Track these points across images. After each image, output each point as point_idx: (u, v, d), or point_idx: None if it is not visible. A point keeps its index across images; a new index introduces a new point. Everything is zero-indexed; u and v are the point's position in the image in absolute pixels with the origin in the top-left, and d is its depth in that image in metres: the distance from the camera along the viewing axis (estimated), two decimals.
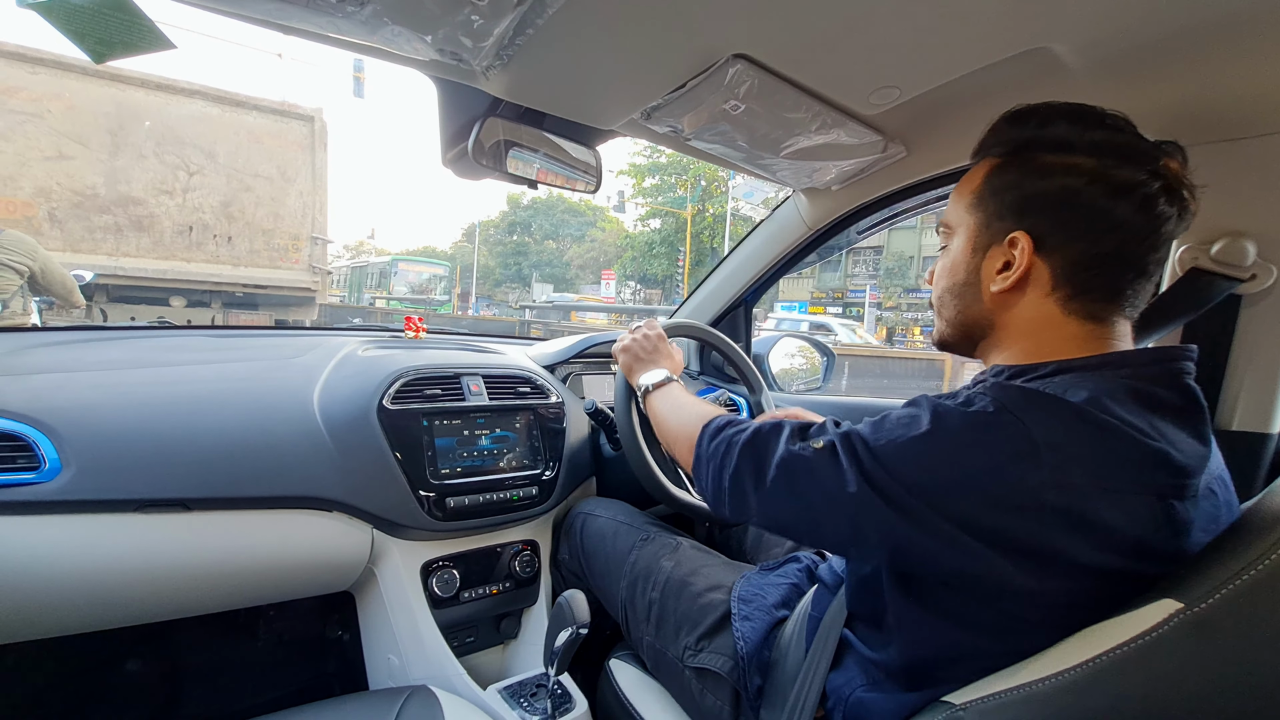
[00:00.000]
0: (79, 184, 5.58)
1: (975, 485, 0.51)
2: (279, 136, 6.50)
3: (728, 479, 0.67)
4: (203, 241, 6.21)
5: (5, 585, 0.77)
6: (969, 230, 0.65)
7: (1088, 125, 0.59)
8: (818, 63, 0.82)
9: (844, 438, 0.59)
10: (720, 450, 0.69)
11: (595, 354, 1.47)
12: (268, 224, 6.55)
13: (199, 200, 6.15)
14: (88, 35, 0.66)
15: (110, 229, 5.77)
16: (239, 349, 1.17)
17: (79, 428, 0.82)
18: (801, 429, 0.65)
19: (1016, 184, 0.61)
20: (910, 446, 0.55)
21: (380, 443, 1.00)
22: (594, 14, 0.70)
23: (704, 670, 0.84)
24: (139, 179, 5.84)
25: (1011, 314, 0.62)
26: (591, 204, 32.51)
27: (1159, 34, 0.70)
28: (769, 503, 0.64)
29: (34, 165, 5.37)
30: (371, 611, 1.10)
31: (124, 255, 5.82)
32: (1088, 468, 0.49)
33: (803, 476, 0.61)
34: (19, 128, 5.28)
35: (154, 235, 5.97)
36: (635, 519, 1.12)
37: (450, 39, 0.72)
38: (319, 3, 0.63)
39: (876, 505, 0.55)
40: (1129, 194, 0.56)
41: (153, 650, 1.22)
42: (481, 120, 0.94)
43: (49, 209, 5.48)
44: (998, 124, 0.64)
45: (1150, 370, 0.56)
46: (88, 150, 5.58)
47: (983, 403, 0.54)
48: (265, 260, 6.59)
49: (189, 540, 0.87)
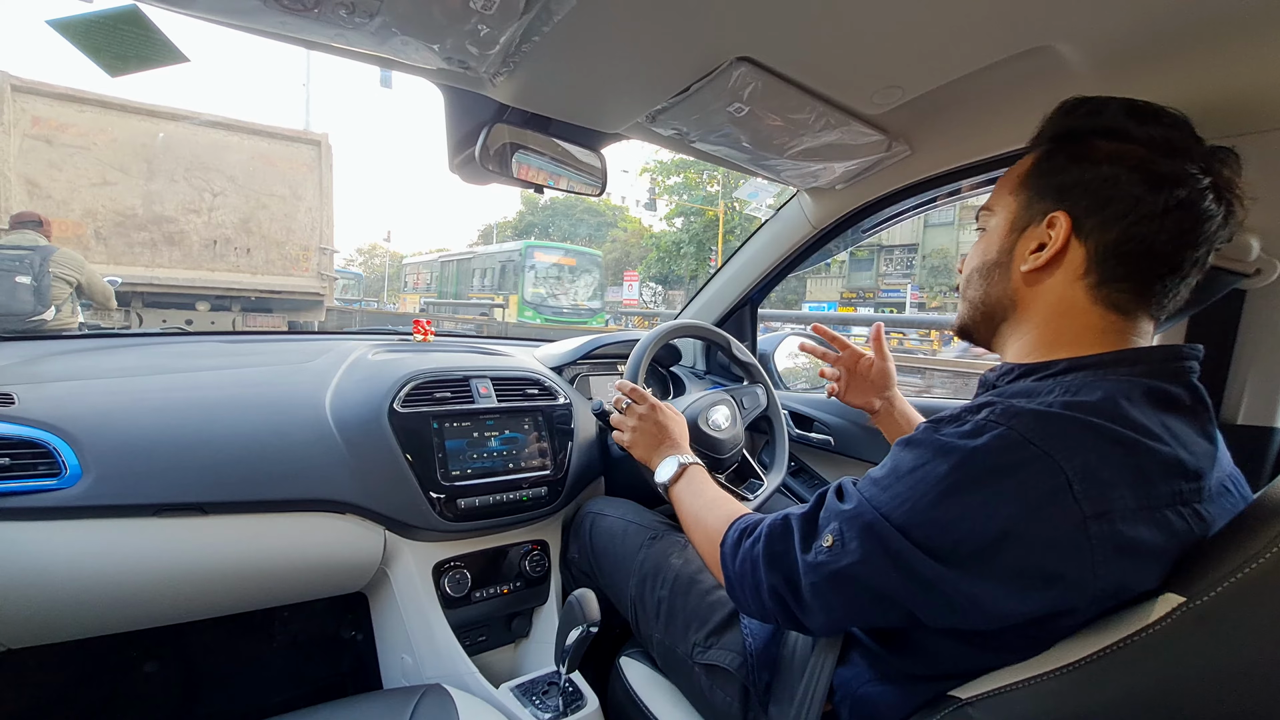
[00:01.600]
0: (120, 206, 6.49)
1: (1017, 537, 0.48)
2: (290, 160, 7.39)
3: (768, 597, 0.64)
4: (225, 253, 7.10)
5: (28, 589, 0.79)
6: (1009, 211, 0.65)
7: (1144, 119, 0.58)
8: (821, 64, 0.82)
9: (856, 523, 0.56)
10: (747, 570, 0.67)
11: (602, 355, 1.48)
12: (281, 237, 7.43)
13: (222, 217, 7.05)
14: (104, 51, 0.68)
15: (147, 244, 6.67)
16: (251, 354, 1.19)
17: (98, 434, 0.83)
18: (808, 522, 0.62)
19: (1063, 168, 0.61)
20: (936, 509, 0.51)
21: (391, 445, 1.01)
22: (599, 20, 0.71)
23: (713, 667, 0.84)
24: (171, 200, 6.74)
25: (1037, 296, 0.62)
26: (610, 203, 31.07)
27: (1163, 30, 0.70)
28: (813, 617, 0.61)
29: (83, 191, 6.27)
30: (385, 612, 1.11)
31: (158, 267, 6.72)
32: (1121, 490, 0.48)
33: (835, 585, 0.58)
34: (70, 159, 6.15)
35: (184, 249, 6.87)
36: (644, 517, 1.13)
37: (458, 48, 0.73)
38: (329, 16, 0.64)
39: (915, 585, 0.52)
40: (1173, 187, 0.55)
41: (171, 652, 1.24)
42: (488, 126, 0.95)
43: (95, 228, 6.37)
44: (1054, 115, 0.64)
45: (1164, 368, 0.55)
46: (128, 177, 6.48)
47: (995, 433, 0.51)
48: (279, 269, 7.46)
49: (205, 543, 0.88)
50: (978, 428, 0.52)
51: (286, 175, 7.34)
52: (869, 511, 0.56)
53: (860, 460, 1.40)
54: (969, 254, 0.70)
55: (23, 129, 5.86)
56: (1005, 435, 0.50)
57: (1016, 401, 0.54)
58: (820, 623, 0.61)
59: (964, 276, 0.70)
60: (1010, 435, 0.50)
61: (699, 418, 1.19)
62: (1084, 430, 0.50)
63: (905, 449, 0.57)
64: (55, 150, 6.04)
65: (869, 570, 0.55)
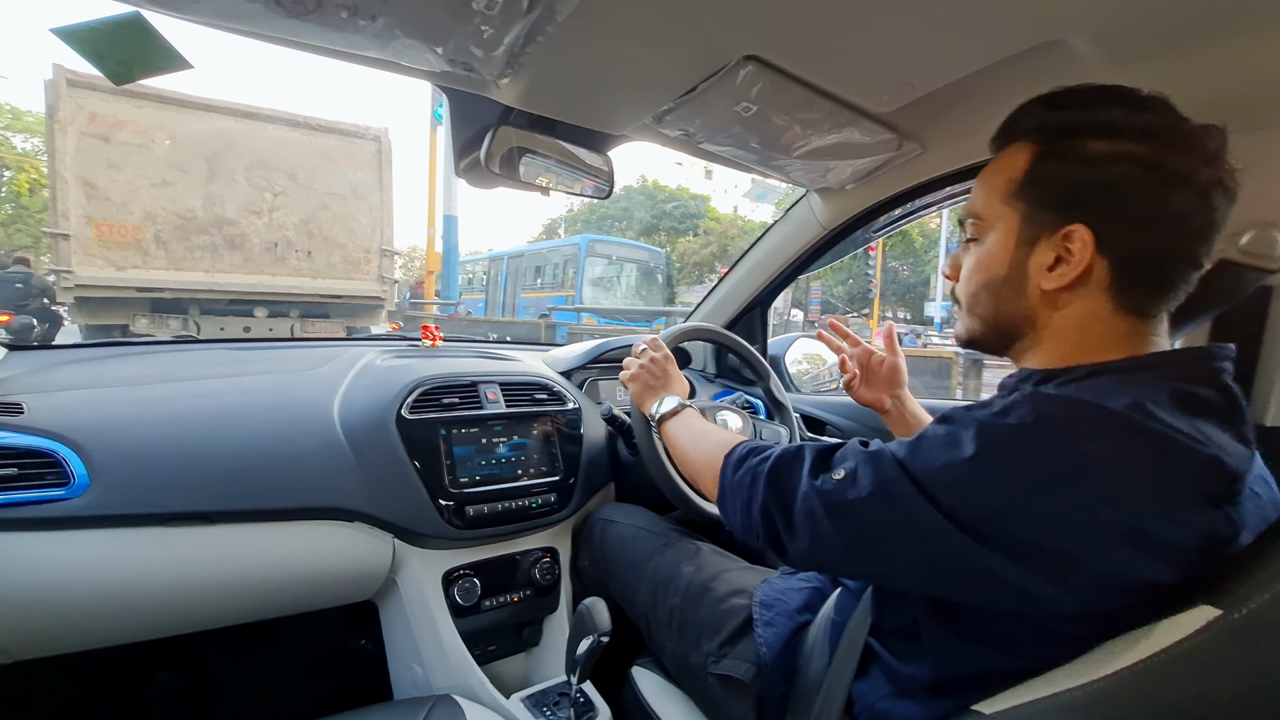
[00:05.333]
0: (180, 208, 6.16)
1: (1023, 508, 0.48)
2: (351, 156, 7.05)
3: (757, 511, 0.64)
4: (286, 256, 6.77)
5: (36, 600, 0.78)
6: (1009, 223, 0.61)
7: (1133, 108, 0.56)
8: (829, 62, 0.81)
9: (873, 463, 0.56)
10: (746, 482, 0.67)
11: (611, 358, 1.47)
12: (342, 239, 7.11)
13: (283, 218, 6.72)
14: (107, 57, 0.67)
15: (208, 248, 6.36)
16: (259, 362, 1.19)
17: (105, 444, 0.83)
18: (824, 455, 0.62)
19: (1064, 172, 0.57)
20: (954, 471, 0.51)
21: (399, 453, 1.01)
22: (604, 20, 0.70)
23: (727, 677, 0.83)
24: (231, 201, 6.40)
25: (1057, 310, 0.59)
26: (690, 192, 26.81)
27: (1181, 19, 0.68)
28: (798, 542, 0.61)
29: (142, 192, 5.94)
30: (394, 621, 1.10)
31: (219, 271, 6.40)
32: (1143, 482, 0.47)
33: (831, 516, 0.57)
34: (129, 158, 5.84)
35: (244, 252, 6.55)
36: (655, 524, 1.11)
37: (461, 49, 0.72)
38: (331, 19, 0.64)
39: (912, 537, 0.52)
40: (1186, 184, 0.53)
41: (181, 662, 1.23)
42: (494, 129, 0.94)
43: (155, 231, 6.06)
44: (1031, 108, 0.61)
45: (1191, 370, 0.54)
46: (187, 177, 6.15)
47: (1021, 413, 0.51)
48: (340, 272, 7.14)
49: (213, 553, 0.88)
50: (1005, 408, 0.52)
51: (347, 173, 7.02)
52: (889, 457, 0.56)
53: None
54: (967, 266, 0.66)
55: (79, 126, 5.55)
56: (1030, 414, 0.51)
57: (1046, 389, 0.54)
58: (804, 549, 0.60)
59: (968, 292, 0.66)
60: (1035, 415, 0.50)
61: (706, 411, 1.16)
62: (1113, 419, 0.49)
63: (938, 423, 0.57)
64: (113, 149, 5.73)
65: (871, 508, 0.55)
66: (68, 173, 5.58)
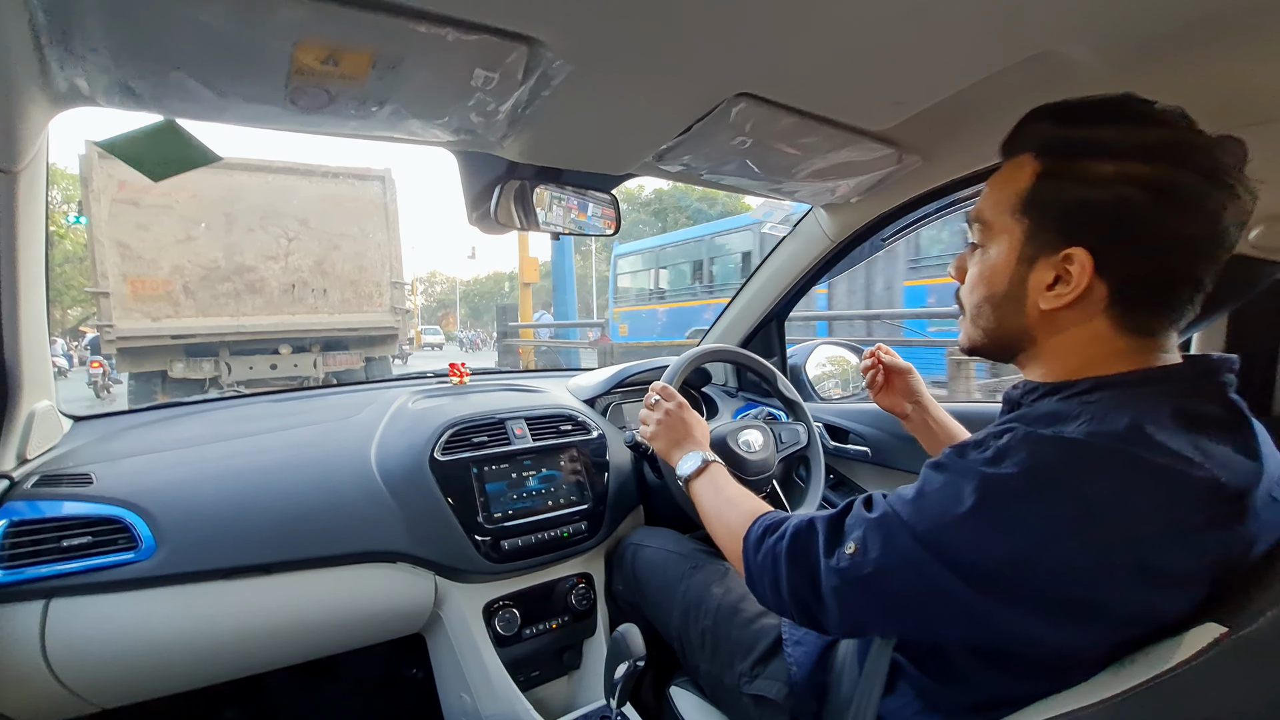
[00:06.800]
0: (204, 259, 6.68)
1: (1037, 562, 0.48)
2: (357, 198, 7.54)
3: (786, 594, 0.65)
4: (303, 296, 7.27)
5: (116, 655, 0.85)
6: (1012, 238, 0.60)
7: (1139, 123, 0.54)
8: (821, 90, 0.82)
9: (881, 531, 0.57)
10: (768, 564, 0.68)
11: (633, 383, 1.50)
12: (354, 275, 7.58)
13: (298, 261, 7.21)
14: (146, 160, 0.74)
15: (231, 294, 6.86)
16: (301, 413, 1.25)
17: (168, 507, 0.90)
18: (834, 527, 0.63)
19: (1066, 193, 0.56)
20: (960, 529, 0.51)
21: (435, 493, 1.06)
22: (595, 77, 0.73)
23: (760, 697, 0.85)
24: (250, 249, 6.90)
25: (1056, 329, 0.59)
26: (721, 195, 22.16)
27: (1178, 21, 0.67)
28: (831, 619, 0.62)
29: (169, 248, 6.47)
30: (441, 653, 1.15)
31: (243, 315, 6.91)
32: (1150, 517, 0.47)
33: (854, 591, 0.58)
34: (155, 219, 6.37)
35: (265, 296, 7.05)
36: (683, 546, 1.14)
37: (464, 120, 0.76)
38: (343, 111, 0.69)
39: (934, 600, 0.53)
40: (1192, 206, 0.51)
41: (247, 698, 1.31)
42: (502, 183, 0.99)
43: (183, 283, 6.58)
44: (1038, 119, 0.59)
45: (1194, 386, 0.54)
46: (209, 231, 6.68)
47: (1018, 458, 0.50)
48: (354, 307, 7.62)
49: (271, 600, 0.94)
50: (999, 453, 0.52)
51: (355, 214, 7.53)
52: (894, 520, 0.56)
53: (900, 470, 1.38)
54: (971, 274, 0.66)
55: (110, 194, 6.12)
56: (1026, 461, 0.50)
57: (1039, 429, 0.53)
58: (838, 622, 0.62)
59: (971, 302, 0.66)
60: (1032, 461, 0.50)
61: (728, 437, 1.19)
62: (1109, 457, 0.49)
63: (933, 471, 0.57)
64: (141, 211, 6.29)
65: (888, 578, 0.55)
66: (104, 236, 6.14)
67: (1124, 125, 0.54)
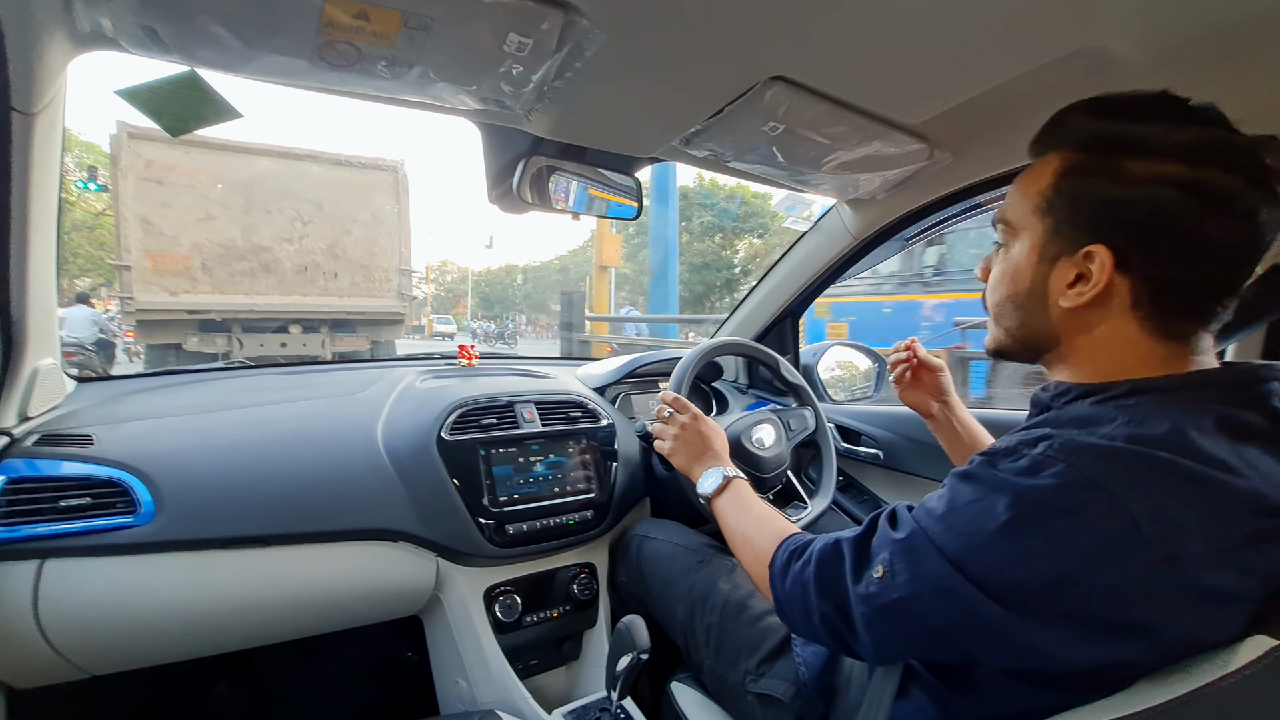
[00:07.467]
0: (222, 238, 6.94)
1: (1077, 582, 0.46)
2: (370, 186, 7.81)
3: (818, 623, 0.63)
4: (315, 278, 7.53)
5: (110, 619, 0.83)
6: (1035, 236, 0.58)
7: (1176, 121, 0.52)
8: (856, 78, 0.80)
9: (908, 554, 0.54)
10: (797, 594, 0.65)
11: (643, 374, 1.48)
12: (365, 260, 7.83)
13: (311, 244, 7.47)
14: (166, 113, 0.72)
15: (246, 273, 7.12)
16: (307, 386, 1.23)
17: (170, 473, 0.88)
18: (860, 548, 0.60)
19: (1095, 190, 0.54)
20: (995, 549, 0.49)
21: (441, 474, 1.04)
22: (630, 51, 0.72)
23: (766, 696, 0.83)
24: (266, 231, 7.18)
25: (1082, 329, 0.57)
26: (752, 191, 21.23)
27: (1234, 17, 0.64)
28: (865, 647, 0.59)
29: (190, 226, 6.74)
30: (439, 636, 1.13)
31: (257, 294, 7.17)
32: (1194, 532, 0.45)
33: (885, 619, 0.56)
34: (178, 197, 6.65)
35: (278, 276, 7.29)
36: (691, 540, 1.12)
37: (493, 89, 0.74)
38: (371, 69, 0.67)
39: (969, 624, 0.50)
40: (1227, 209, 0.49)
41: (239, 674, 1.29)
42: (525, 159, 0.97)
43: (201, 260, 6.86)
44: (1070, 115, 0.57)
45: (1237, 395, 0.51)
46: (228, 211, 6.94)
47: (1054, 470, 0.48)
48: (364, 291, 7.87)
49: (268, 573, 0.92)
50: (1035, 463, 0.49)
51: (368, 201, 7.76)
52: (923, 542, 0.53)
53: (911, 475, 1.36)
54: (994, 274, 0.64)
55: (137, 172, 6.40)
56: (1065, 473, 0.47)
57: (1075, 434, 0.50)
58: (872, 652, 0.59)
59: (994, 301, 0.64)
60: (1070, 473, 0.47)
61: (742, 435, 1.17)
62: (1152, 467, 0.46)
63: (962, 482, 0.54)
64: (165, 190, 6.56)
65: (920, 604, 0.53)
66: (128, 212, 6.40)
67: (1163, 123, 0.52)
